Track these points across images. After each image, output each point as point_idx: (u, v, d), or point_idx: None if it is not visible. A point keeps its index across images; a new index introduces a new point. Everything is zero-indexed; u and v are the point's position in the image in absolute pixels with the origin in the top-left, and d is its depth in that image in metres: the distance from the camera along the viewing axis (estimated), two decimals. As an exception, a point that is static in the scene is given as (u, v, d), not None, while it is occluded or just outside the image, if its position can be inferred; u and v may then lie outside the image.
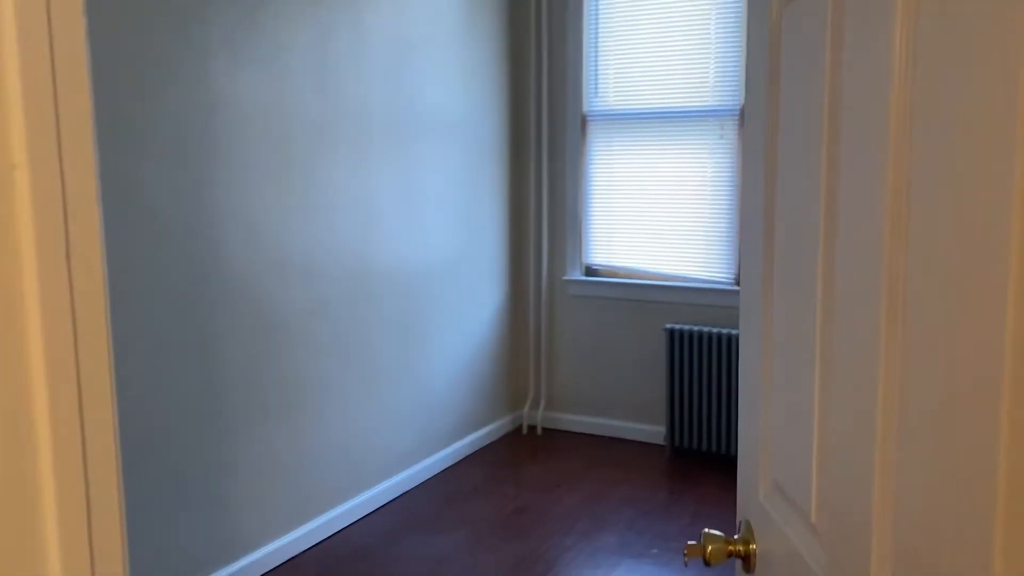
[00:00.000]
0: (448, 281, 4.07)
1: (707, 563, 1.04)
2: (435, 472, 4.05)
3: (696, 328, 4.14)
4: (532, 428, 4.72)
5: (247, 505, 2.99)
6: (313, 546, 3.28)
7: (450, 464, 4.17)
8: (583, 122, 4.45)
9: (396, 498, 3.75)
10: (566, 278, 4.57)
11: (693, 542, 1.05)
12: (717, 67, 4.11)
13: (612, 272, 4.53)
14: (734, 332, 4.03)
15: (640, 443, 4.48)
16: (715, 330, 4.09)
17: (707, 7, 4.09)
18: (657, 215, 4.33)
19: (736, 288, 4.15)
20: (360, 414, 3.52)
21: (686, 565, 1.66)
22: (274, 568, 3.10)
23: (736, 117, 4.09)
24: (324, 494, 3.35)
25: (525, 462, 4.21)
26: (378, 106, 3.53)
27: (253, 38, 2.92)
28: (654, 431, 4.47)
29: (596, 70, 4.39)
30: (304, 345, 3.20)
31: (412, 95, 3.74)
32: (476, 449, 4.38)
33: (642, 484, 3.91)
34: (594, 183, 4.48)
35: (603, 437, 4.58)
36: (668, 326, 4.20)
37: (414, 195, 3.77)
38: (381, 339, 3.62)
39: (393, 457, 3.76)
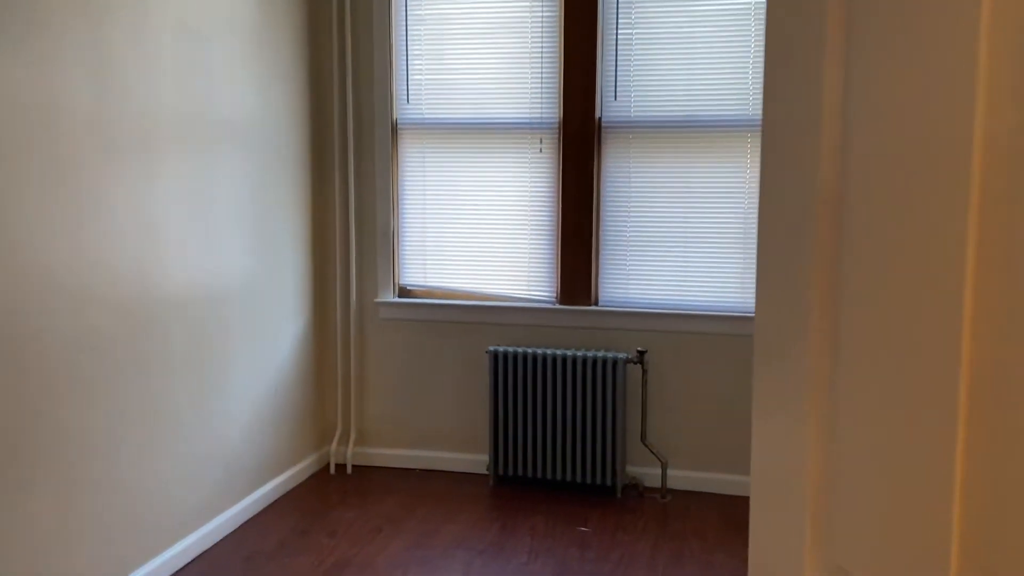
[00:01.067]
0: (244, 307, 3.57)
1: None
2: (235, 527, 3.51)
3: (520, 350, 3.92)
4: (341, 467, 4.28)
5: (-3, 596, 2.35)
6: (87, 635, 2.67)
7: (252, 515, 3.64)
8: (394, 131, 4.12)
9: (190, 563, 3.18)
10: (377, 300, 4.20)
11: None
12: (538, 78, 3.95)
13: (428, 293, 4.22)
14: (558, 352, 3.87)
15: (461, 474, 4.19)
16: (540, 351, 3.90)
17: (527, 13, 3.93)
18: (475, 232, 4.09)
19: (559, 306, 4.00)
20: (142, 468, 2.94)
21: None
22: (35, 671, 2.46)
23: (556, 130, 3.94)
24: (100, 569, 2.75)
25: (337, 506, 3.78)
26: (165, 105, 3.00)
27: (3, 12, 2.33)
28: (476, 460, 4.19)
29: (407, 76, 4.09)
30: (71, 386, 2.60)
31: (204, 95, 3.23)
32: (281, 495, 3.87)
33: (471, 520, 3.61)
34: (407, 198, 4.16)
35: (421, 471, 4.24)
36: (491, 348, 3.96)
37: (205, 210, 3.26)
38: (167, 376, 3.07)
39: (185, 515, 3.19)
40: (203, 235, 3.24)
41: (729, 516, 3.68)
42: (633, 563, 3.22)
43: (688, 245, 3.86)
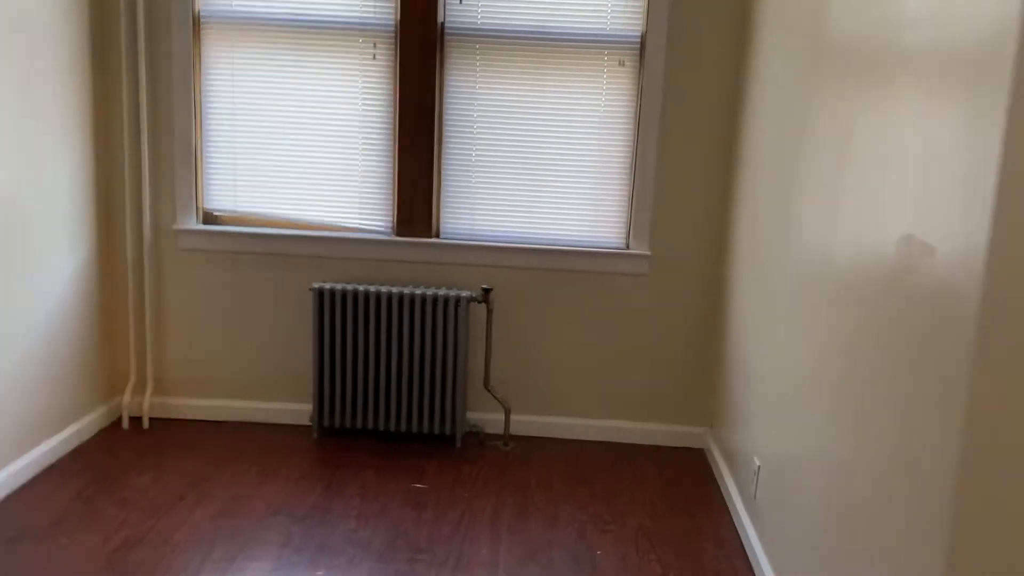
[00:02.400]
0: (0, 235, 2.88)
1: None
2: (-5, 501, 2.89)
3: (349, 287, 3.46)
4: (136, 421, 3.69)
5: None
6: None
7: (21, 484, 3.02)
8: (196, 25, 3.46)
9: (-70, 552, 2.56)
10: (177, 227, 3.58)
11: None
12: (368, -28, 3.40)
13: (240, 219, 3.64)
14: (393, 290, 3.44)
15: (280, 426, 3.71)
16: (372, 288, 3.45)
17: None
18: (297, 150, 3.54)
19: (395, 238, 3.55)
20: None
21: None
22: None
23: (392, 34, 3.43)
24: None
25: (130, 469, 3.21)
26: None
27: None
28: (297, 410, 3.73)
29: (213, -41, 3.41)
30: None
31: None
32: (59, 457, 3.25)
33: (291, 481, 3.17)
34: (213, 106, 3.53)
35: (234, 423, 3.72)
36: (315, 285, 3.47)
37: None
38: None
39: (-78, 493, 2.55)
40: (-64, 140, 2.52)
41: (573, 463, 3.45)
42: (474, 522, 2.91)
43: (539, 172, 3.51)
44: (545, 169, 3.50)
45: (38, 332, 3.10)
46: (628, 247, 3.55)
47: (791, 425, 2.40)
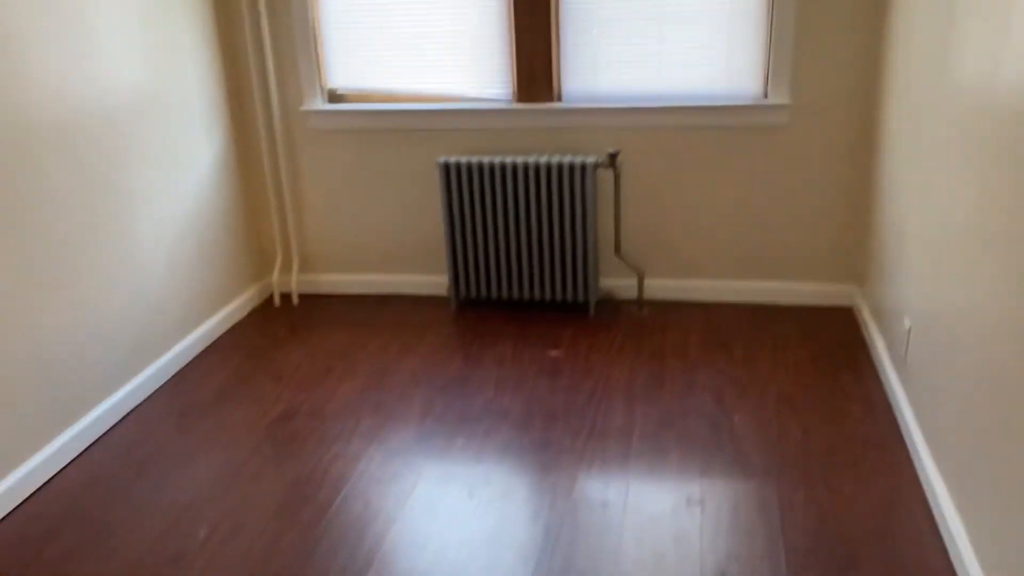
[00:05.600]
0: (141, 131, 2.99)
1: None
2: (165, 379, 3.14)
3: (474, 159, 3.41)
4: (286, 297, 3.89)
5: None
6: (6, 515, 2.35)
7: (185, 363, 3.27)
8: None
9: (115, 426, 2.84)
10: (304, 108, 3.62)
11: None
12: None
13: (363, 97, 3.63)
14: (518, 160, 3.37)
15: (420, 297, 3.82)
16: (496, 159, 3.39)
17: None
18: (415, 21, 3.44)
19: (515, 106, 3.44)
20: (43, 331, 2.51)
21: None
22: (-64, 570, 2.15)
23: None
24: (10, 445, 2.38)
25: (283, 345, 3.41)
26: None
27: None
28: (435, 282, 3.81)
29: None
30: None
31: None
32: (218, 336, 3.49)
33: (430, 353, 3.27)
34: (326, -19, 3.46)
35: (375, 296, 3.86)
36: (442, 159, 3.44)
37: (72, 11, 2.60)
38: (52, 219, 2.56)
39: (103, 374, 2.80)
40: (71, 44, 2.60)
41: (711, 327, 3.37)
42: (609, 389, 2.92)
43: (665, 20, 3.26)
44: (671, 15, 3.24)
45: (187, 220, 3.27)
46: (766, 96, 3.29)
47: (947, 283, 2.21)
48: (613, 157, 3.36)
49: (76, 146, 2.64)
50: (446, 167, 3.43)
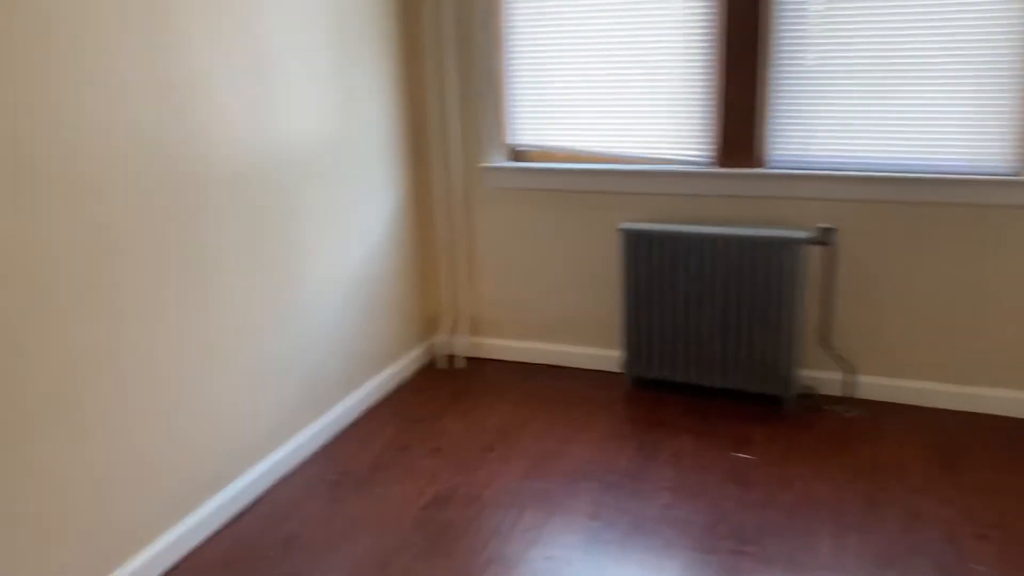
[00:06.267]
0: (317, 177, 2.89)
1: None
2: (324, 441, 2.99)
3: (662, 227, 3.09)
4: (451, 360, 3.69)
5: (26, 557, 1.88)
6: (139, 590, 2.23)
7: (345, 425, 3.11)
8: (498, -55, 3.20)
9: (268, 490, 2.69)
10: (484, 165, 3.43)
11: None
12: None
13: (546, 155, 3.41)
14: (713, 230, 3.01)
15: (590, 372, 3.51)
16: (687, 228, 3.05)
17: None
18: (608, 78, 3.19)
19: (714, 170, 3.10)
20: (195, 388, 2.40)
21: None
22: (71, 642, 2.03)
23: (713, -71, 2.91)
24: (152, 515, 2.27)
25: (444, 414, 3.19)
26: (179, -87, 2.22)
27: None
28: (608, 356, 3.49)
29: None
30: (89, 297, 2.02)
31: (238, -101, 2.42)
32: (379, 399, 3.33)
33: (600, 439, 2.94)
34: (519, 37, 3.28)
35: (543, 366, 3.59)
36: (625, 226, 3.14)
37: (259, 58, 2.52)
38: (222, 269, 2.46)
39: (255, 438, 2.67)
40: (258, 92, 2.52)
41: (934, 440, 2.84)
42: (811, 509, 2.48)
43: (894, 83, 2.83)
44: (901, 78, 2.81)
45: (356, 274, 3.14)
46: (1022, 174, 2.77)
47: None
48: (827, 232, 2.93)
49: (250, 195, 2.55)
50: (629, 234, 3.12)
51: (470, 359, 3.70)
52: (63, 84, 1.90)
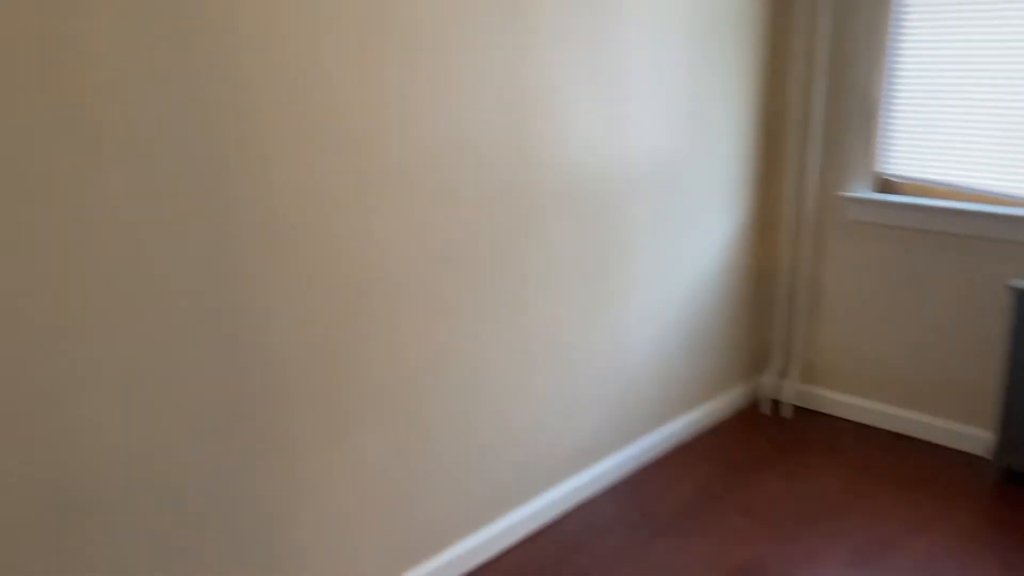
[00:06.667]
0: (654, 198, 2.72)
1: None
2: (627, 473, 2.83)
3: (1072, 290, 2.48)
4: (777, 406, 3.33)
5: (322, 554, 1.96)
6: (429, 593, 2.23)
7: (652, 460, 2.92)
8: (893, -53, 2.79)
9: (566, 514, 2.59)
10: (845, 194, 3.03)
11: None
12: None
13: (922, 189, 2.92)
14: None
15: (947, 450, 2.96)
16: (1109, 296, 2.42)
17: None
18: (1008, 104, 2.64)
19: None
20: (514, 402, 2.36)
21: None
22: (362, 633, 2.08)
23: None
24: (452, 522, 2.26)
25: (764, 468, 2.87)
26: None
27: None
28: (972, 435, 2.92)
29: None
30: (422, 306, 2.05)
31: (609, -96, 2.33)
32: (691, 436, 3.09)
33: (951, 537, 2.44)
34: (908, 52, 2.84)
35: (888, 433, 3.10)
36: (1015, 282, 2.58)
37: (610, 73, 2.41)
38: (548, 287, 2.39)
39: (558, 458, 2.58)
40: (606, 107, 2.42)
41: None
42: None
43: None
44: None
45: (684, 299, 2.93)
46: None
47: None
48: None
49: (582, 211, 2.45)
50: (1021, 294, 2.56)
51: (798, 408, 3.32)
52: (425, 91, 1.93)
